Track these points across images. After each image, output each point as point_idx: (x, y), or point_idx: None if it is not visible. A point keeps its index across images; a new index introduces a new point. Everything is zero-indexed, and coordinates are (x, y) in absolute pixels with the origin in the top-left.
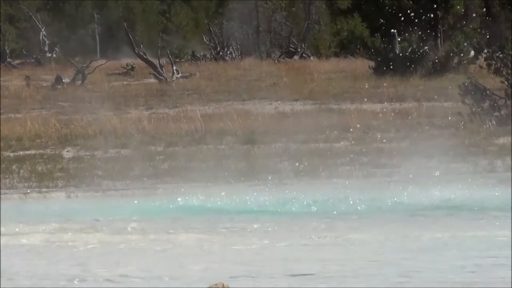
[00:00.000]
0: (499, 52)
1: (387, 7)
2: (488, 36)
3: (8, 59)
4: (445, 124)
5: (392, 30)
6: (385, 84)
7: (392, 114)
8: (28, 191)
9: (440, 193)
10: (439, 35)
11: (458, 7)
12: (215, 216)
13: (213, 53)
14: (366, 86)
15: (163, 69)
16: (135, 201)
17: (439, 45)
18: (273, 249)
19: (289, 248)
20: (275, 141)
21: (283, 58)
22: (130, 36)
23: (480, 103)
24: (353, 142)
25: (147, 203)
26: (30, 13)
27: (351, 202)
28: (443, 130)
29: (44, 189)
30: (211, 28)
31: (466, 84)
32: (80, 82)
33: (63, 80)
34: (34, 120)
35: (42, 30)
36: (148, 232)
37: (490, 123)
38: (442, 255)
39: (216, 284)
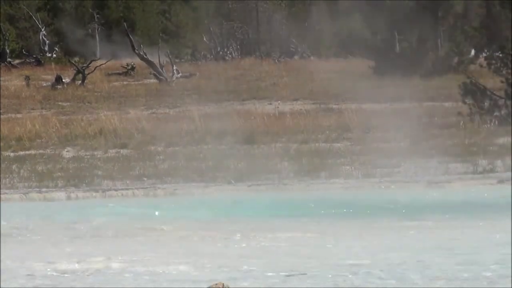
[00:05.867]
0: (499, 52)
1: (387, 7)
2: (488, 36)
3: (8, 59)
4: (445, 124)
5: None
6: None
7: (392, 114)
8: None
9: (440, 193)
10: (439, 35)
11: (458, 7)
12: None
13: (213, 53)
14: (366, 86)
15: (163, 69)
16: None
17: (439, 45)
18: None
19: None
20: (275, 141)
21: (283, 58)
22: (130, 36)
23: (480, 103)
24: (353, 142)
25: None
26: (30, 13)
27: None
28: (443, 130)
29: (44, 189)
30: (211, 28)
31: (466, 84)
32: (80, 82)
33: (63, 80)
34: (34, 120)
35: (42, 30)
36: None
37: (490, 123)
38: (442, 255)
39: (216, 284)
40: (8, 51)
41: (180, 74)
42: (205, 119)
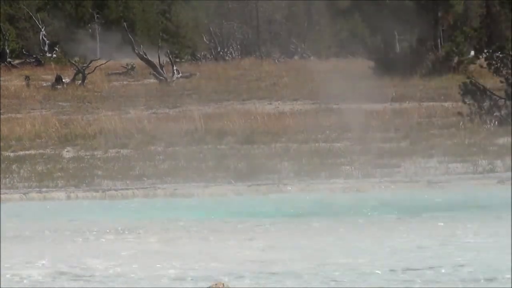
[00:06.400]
0: (499, 52)
1: (387, 7)
2: (488, 36)
3: (8, 59)
4: (445, 124)
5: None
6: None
7: (392, 114)
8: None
9: (440, 193)
10: (439, 35)
11: (458, 7)
12: None
13: (213, 53)
14: (366, 86)
15: (163, 69)
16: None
17: (439, 45)
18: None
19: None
20: (275, 141)
21: (283, 58)
22: (130, 36)
23: (480, 103)
24: (353, 142)
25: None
26: (30, 13)
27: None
28: (443, 130)
29: (44, 189)
30: (211, 28)
31: (466, 84)
32: (80, 82)
33: (63, 80)
34: (34, 120)
35: (42, 30)
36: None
37: (490, 123)
38: (442, 255)
39: (216, 284)
40: (8, 51)
41: (180, 74)
42: (205, 119)
